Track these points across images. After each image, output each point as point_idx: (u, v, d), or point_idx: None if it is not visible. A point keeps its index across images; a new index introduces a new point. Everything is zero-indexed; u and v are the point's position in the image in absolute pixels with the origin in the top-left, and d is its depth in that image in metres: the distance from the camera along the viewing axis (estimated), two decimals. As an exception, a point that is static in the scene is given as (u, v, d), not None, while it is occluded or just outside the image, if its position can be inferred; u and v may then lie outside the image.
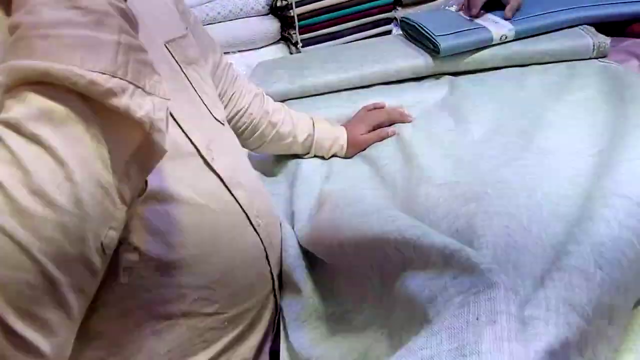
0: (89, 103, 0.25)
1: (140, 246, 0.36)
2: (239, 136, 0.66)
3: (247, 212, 0.46)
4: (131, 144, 0.28)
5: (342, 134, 0.71)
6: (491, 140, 0.61)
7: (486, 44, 0.80)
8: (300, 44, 1.15)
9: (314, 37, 1.15)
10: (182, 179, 0.40)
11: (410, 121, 0.73)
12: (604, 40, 0.78)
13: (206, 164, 0.43)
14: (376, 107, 0.77)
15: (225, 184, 0.45)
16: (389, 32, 1.16)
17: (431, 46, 0.82)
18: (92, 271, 0.28)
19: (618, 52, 0.79)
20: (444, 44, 0.78)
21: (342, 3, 1.11)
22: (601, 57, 0.79)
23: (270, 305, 0.51)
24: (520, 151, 0.56)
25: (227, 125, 0.54)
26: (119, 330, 0.38)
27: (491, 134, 0.63)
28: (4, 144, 0.24)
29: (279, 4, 1.14)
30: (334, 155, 0.72)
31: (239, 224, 0.46)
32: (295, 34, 1.14)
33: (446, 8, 0.95)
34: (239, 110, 0.64)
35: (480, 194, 0.48)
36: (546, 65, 0.80)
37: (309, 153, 0.71)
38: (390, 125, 0.73)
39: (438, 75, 0.85)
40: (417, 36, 0.88)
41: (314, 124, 0.70)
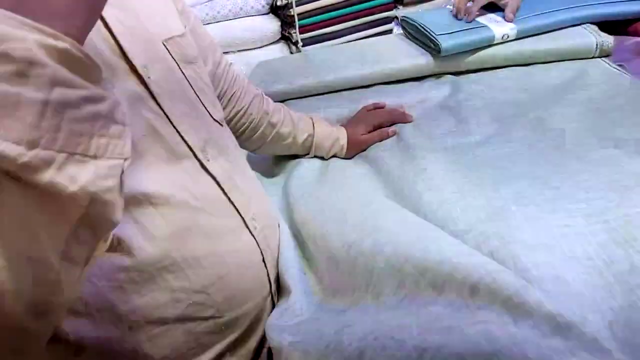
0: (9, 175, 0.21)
1: (133, 250, 0.36)
2: (238, 137, 0.66)
3: (243, 215, 0.46)
4: (71, 216, 0.24)
5: (342, 134, 0.70)
6: (493, 143, 0.60)
7: (488, 43, 0.80)
8: (301, 43, 1.14)
9: (314, 36, 1.15)
10: (176, 181, 0.40)
11: (411, 121, 0.72)
12: (607, 39, 0.77)
13: (201, 165, 0.42)
14: (376, 107, 0.76)
15: (220, 186, 0.44)
16: (389, 31, 1.16)
17: (432, 45, 0.81)
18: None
19: (621, 52, 0.78)
20: (445, 44, 0.78)
21: (343, 2, 1.11)
22: (604, 57, 0.78)
23: (268, 308, 0.51)
24: (528, 157, 0.55)
25: (225, 126, 0.54)
26: (113, 336, 0.37)
27: (493, 135, 0.62)
28: None
29: (279, 3, 1.13)
30: (334, 156, 0.71)
31: (234, 227, 0.45)
32: (295, 33, 1.13)
33: (447, 6, 0.94)
34: (239, 111, 0.63)
35: (504, 211, 0.46)
36: (549, 65, 0.79)
37: (308, 153, 0.71)
38: (391, 125, 0.72)
39: (439, 74, 0.84)
40: (417, 35, 0.88)
41: (313, 124, 0.69)
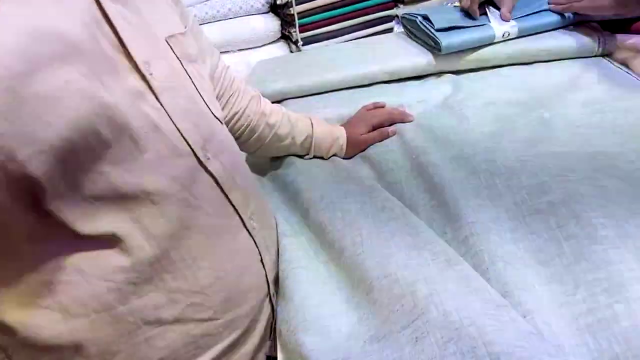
0: None
1: (132, 249, 0.35)
2: (237, 139, 0.65)
3: (241, 215, 0.46)
4: None
5: (341, 134, 0.70)
6: (495, 144, 0.59)
7: (489, 41, 0.79)
8: (301, 42, 1.14)
9: (314, 35, 1.14)
10: (176, 179, 0.39)
11: (411, 121, 0.71)
12: (609, 37, 0.76)
13: (200, 164, 0.42)
14: (376, 107, 0.75)
15: (219, 185, 0.44)
16: (390, 30, 1.15)
17: (432, 43, 0.81)
18: None
19: (623, 50, 0.77)
20: (445, 42, 0.77)
21: (343, 1, 1.10)
22: (606, 55, 0.77)
23: (266, 311, 0.50)
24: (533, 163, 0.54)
25: (224, 125, 0.54)
26: (110, 338, 0.37)
27: (494, 135, 0.61)
28: None
29: (279, 2, 1.12)
30: (334, 156, 0.71)
31: (232, 227, 0.45)
32: (295, 32, 1.12)
33: (447, 4, 0.93)
34: (236, 113, 0.63)
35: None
36: (550, 64, 0.78)
37: (308, 154, 0.70)
38: (391, 125, 0.72)
39: (440, 73, 0.84)
40: (418, 34, 0.87)
41: (312, 124, 0.69)
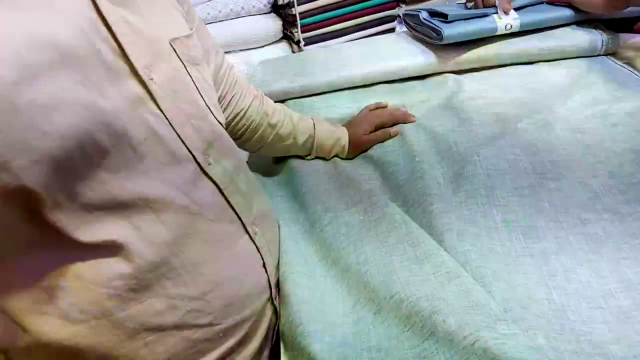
0: None
1: (132, 256, 0.35)
2: (238, 138, 0.65)
3: (243, 220, 0.45)
4: None
5: (343, 134, 0.69)
6: (496, 151, 0.58)
7: (490, 33, 0.78)
8: (303, 42, 1.14)
9: (316, 35, 1.14)
10: (176, 185, 0.39)
11: (414, 121, 0.71)
12: (612, 36, 0.76)
13: (202, 170, 0.42)
14: (379, 107, 0.75)
15: (221, 191, 0.43)
16: (392, 30, 1.15)
17: (434, 34, 0.80)
18: None
19: (627, 49, 0.77)
20: (447, 31, 0.76)
21: (344, 1, 1.10)
22: (610, 54, 0.77)
23: (268, 313, 0.50)
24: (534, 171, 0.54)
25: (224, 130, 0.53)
26: (110, 344, 0.37)
27: (496, 137, 0.61)
28: None
29: (280, 2, 1.12)
30: (336, 156, 0.71)
31: (233, 232, 0.44)
32: (297, 32, 1.12)
33: (449, 3, 0.93)
34: (238, 113, 0.63)
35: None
36: (553, 63, 0.78)
37: (310, 154, 0.70)
38: (393, 125, 0.71)
39: (442, 73, 0.83)
40: (419, 28, 0.86)
41: (314, 124, 0.68)
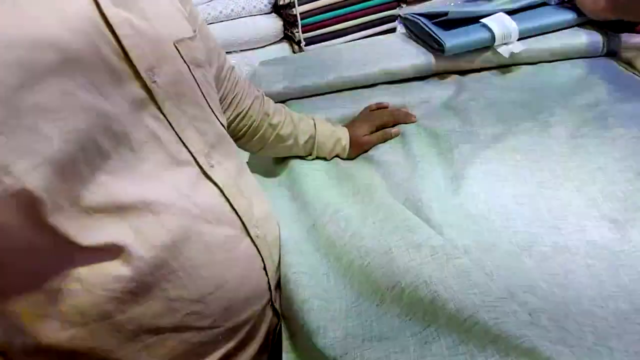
0: None
1: (132, 259, 0.35)
2: (239, 139, 0.65)
3: (245, 223, 0.45)
4: None
5: (344, 134, 0.69)
6: (497, 155, 0.58)
7: (491, 43, 0.78)
8: (303, 42, 1.14)
9: (317, 35, 1.14)
10: (177, 189, 0.38)
11: (414, 121, 0.71)
12: (613, 37, 0.76)
13: (203, 173, 0.41)
14: (379, 107, 0.75)
15: (223, 194, 0.43)
16: (393, 30, 1.15)
17: (435, 45, 0.80)
18: None
19: (628, 49, 0.77)
20: (449, 43, 0.77)
21: (345, 1, 1.10)
22: (611, 55, 0.77)
23: (268, 316, 0.50)
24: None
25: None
26: (109, 346, 0.37)
27: (497, 137, 0.61)
28: None
29: (281, 2, 1.13)
30: (336, 157, 0.71)
31: (235, 235, 0.44)
32: (298, 32, 1.12)
33: (450, 4, 0.93)
34: (239, 113, 0.63)
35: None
36: (555, 64, 0.78)
37: (310, 154, 0.70)
38: (394, 125, 0.71)
39: (443, 74, 0.83)
40: (421, 35, 0.86)
41: (315, 125, 0.68)
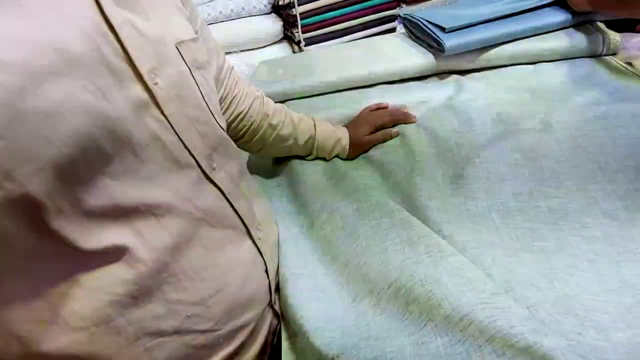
0: None
1: (134, 262, 0.35)
2: (239, 139, 0.65)
3: (247, 225, 0.45)
4: None
5: (344, 135, 0.69)
6: (496, 155, 0.58)
7: (491, 42, 0.78)
8: (303, 42, 1.13)
9: (317, 35, 1.14)
10: (179, 191, 0.38)
11: (414, 121, 0.71)
12: (614, 36, 0.76)
13: (205, 175, 0.41)
14: (379, 108, 0.75)
15: (225, 196, 0.43)
16: (392, 30, 1.15)
17: (435, 45, 0.80)
18: None
19: (629, 49, 0.77)
20: (449, 43, 0.76)
21: (345, 1, 1.10)
22: (611, 54, 0.77)
23: (268, 318, 0.50)
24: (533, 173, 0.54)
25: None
26: (110, 350, 0.36)
27: (497, 138, 0.61)
28: None
29: (281, 2, 1.12)
30: (336, 157, 0.70)
31: (236, 238, 0.44)
32: (298, 32, 1.12)
33: (450, 3, 0.93)
34: (239, 113, 0.62)
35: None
36: (555, 63, 0.77)
37: (310, 154, 0.70)
38: (394, 126, 0.71)
39: (443, 74, 0.83)
40: (420, 35, 0.86)
41: (315, 125, 0.68)
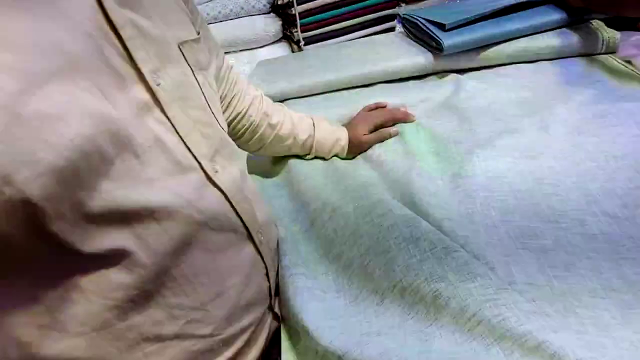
0: None
1: (134, 267, 0.35)
2: (238, 139, 0.65)
3: (249, 228, 0.44)
4: None
5: (343, 134, 0.69)
6: (495, 154, 0.58)
7: (490, 41, 0.78)
8: (302, 42, 1.13)
9: (316, 35, 1.14)
10: (181, 194, 0.38)
11: (413, 121, 0.71)
12: (613, 34, 0.75)
13: (208, 178, 0.41)
14: (378, 107, 0.75)
15: (228, 199, 0.42)
16: (392, 29, 1.15)
17: (434, 44, 0.80)
18: None
19: (628, 47, 0.76)
20: (447, 42, 0.76)
21: (344, 0, 1.10)
22: (611, 52, 0.76)
23: (268, 320, 0.50)
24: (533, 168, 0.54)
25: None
26: (109, 355, 0.36)
27: (496, 136, 0.61)
28: None
29: (280, 2, 1.12)
30: (335, 156, 0.70)
31: (238, 241, 0.44)
32: (297, 32, 1.12)
33: (449, 2, 0.93)
34: (239, 113, 0.62)
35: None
36: (554, 62, 0.77)
37: (309, 154, 0.70)
38: (393, 125, 0.71)
39: (442, 73, 0.83)
40: (419, 34, 0.86)
41: (314, 124, 0.68)
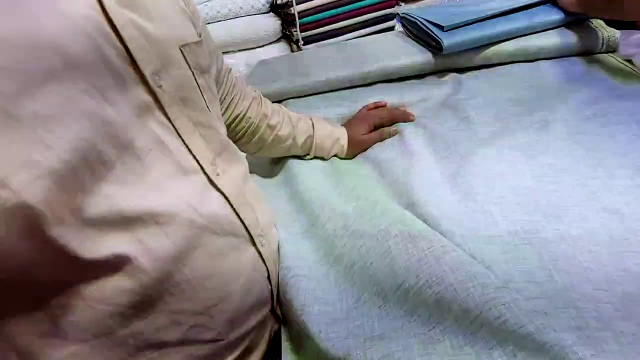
0: None
1: (136, 272, 0.34)
2: (237, 140, 0.65)
3: (251, 232, 0.44)
4: None
5: (342, 134, 0.69)
6: (494, 154, 0.58)
7: (489, 41, 0.78)
8: (302, 42, 1.13)
9: (315, 34, 1.14)
10: (182, 198, 0.37)
11: (413, 120, 0.71)
12: (613, 33, 0.75)
13: (210, 181, 0.40)
14: (377, 106, 0.75)
15: (230, 203, 0.42)
16: (391, 29, 1.15)
17: (434, 43, 0.80)
18: None
19: (628, 46, 0.76)
20: (447, 42, 0.76)
21: (343, 0, 1.10)
22: (611, 51, 0.76)
23: (270, 323, 0.49)
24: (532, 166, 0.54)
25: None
26: None
27: (495, 135, 0.61)
28: None
29: (279, 1, 1.12)
30: (335, 156, 0.70)
31: (239, 245, 0.43)
32: (296, 31, 1.12)
33: (448, 2, 0.92)
34: (238, 115, 0.62)
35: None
36: (554, 61, 0.77)
37: (308, 154, 0.70)
38: (392, 124, 0.71)
39: (441, 72, 0.83)
40: (419, 34, 0.86)
41: (313, 124, 0.68)
